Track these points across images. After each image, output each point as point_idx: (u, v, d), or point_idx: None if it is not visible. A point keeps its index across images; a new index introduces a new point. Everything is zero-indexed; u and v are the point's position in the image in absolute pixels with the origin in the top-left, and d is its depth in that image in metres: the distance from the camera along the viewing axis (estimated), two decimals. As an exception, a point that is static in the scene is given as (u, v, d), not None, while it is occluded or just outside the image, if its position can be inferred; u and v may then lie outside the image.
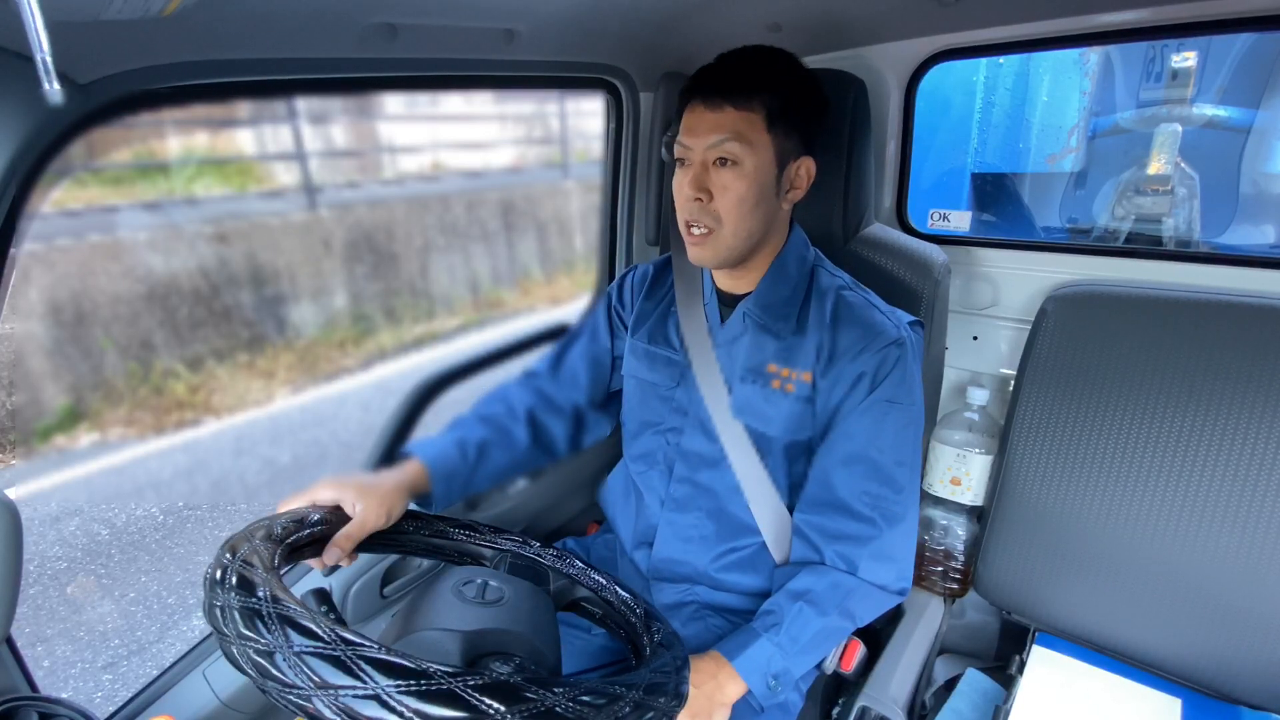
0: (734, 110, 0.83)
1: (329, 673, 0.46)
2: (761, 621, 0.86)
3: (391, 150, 4.54)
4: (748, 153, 0.84)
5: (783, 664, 0.83)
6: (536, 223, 5.15)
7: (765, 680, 0.82)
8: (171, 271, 3.29)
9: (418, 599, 0.68)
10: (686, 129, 0.86)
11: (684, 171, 0.87)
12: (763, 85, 0.84)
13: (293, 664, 0.47)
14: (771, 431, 0.92)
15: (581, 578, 0.82)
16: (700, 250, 0.88)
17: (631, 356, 1.05)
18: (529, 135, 5.28)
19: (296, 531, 0.70)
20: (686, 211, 0.87)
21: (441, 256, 4.56)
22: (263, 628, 0.49)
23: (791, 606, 0.85)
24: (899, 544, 0.90)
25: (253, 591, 0.52)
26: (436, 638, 0.61)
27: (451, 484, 0.92)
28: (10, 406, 2.81)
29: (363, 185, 4.43)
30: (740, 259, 0.91)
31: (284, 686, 0.47)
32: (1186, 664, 1.06)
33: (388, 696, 0.45)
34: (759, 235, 0.89)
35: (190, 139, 3.52)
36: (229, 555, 0.58)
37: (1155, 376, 1.06)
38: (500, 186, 5.09)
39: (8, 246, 0.68)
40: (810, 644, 0.85)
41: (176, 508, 2.65)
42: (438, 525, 0.86)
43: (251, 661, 0.49)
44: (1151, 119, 1.77)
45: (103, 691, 1.91)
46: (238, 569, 0.55)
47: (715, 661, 0.82)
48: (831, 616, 0.86)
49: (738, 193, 0.84)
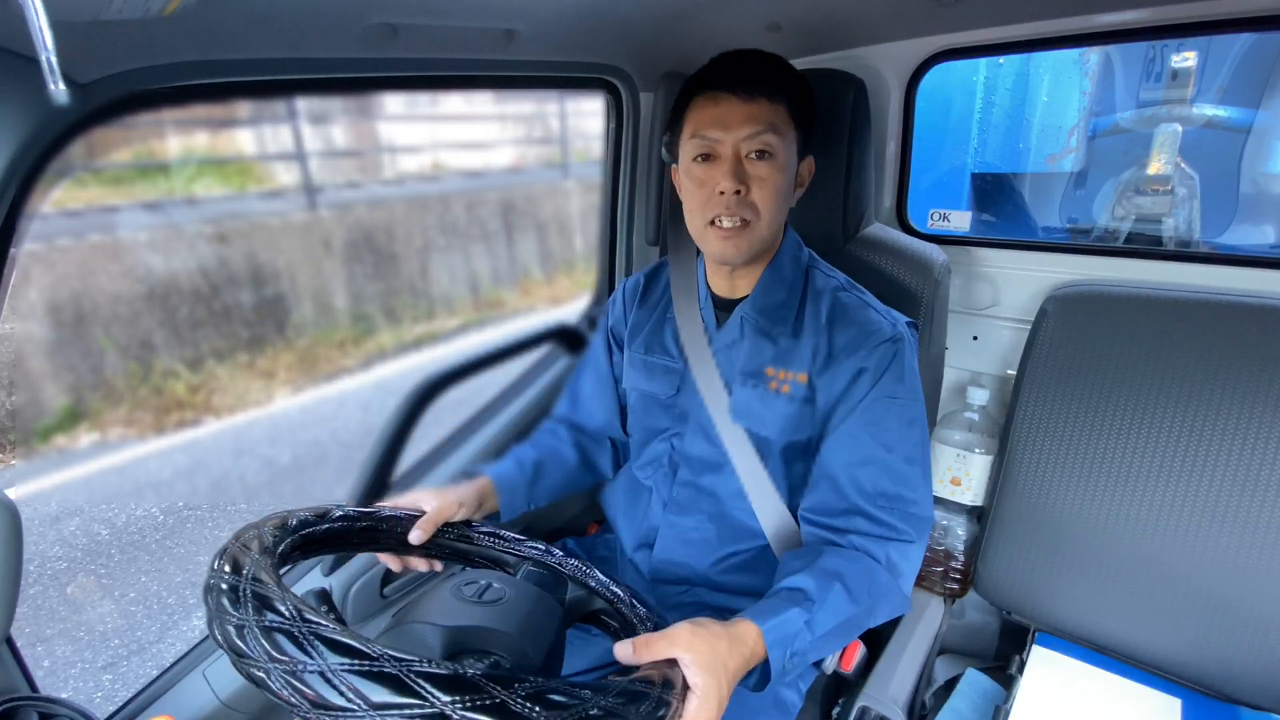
0: (768, 102, 0.84)
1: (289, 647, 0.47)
2: (791, 596, 0.75)
3: (391, 150, 4.54)
4: (781, 145, 0.84)
5: (806, 644, 0.73)
6: (536, 223, 5.15)
7: (785, 654, 0.71)
8: (171, 271, 3.29)
9: (420, 597, 0.68)
10: (714, 121, 0.85)
11: (713, 165, 0.85)
12: (784, 81, 0.86)
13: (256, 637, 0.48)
14: (769, 434, 0.92)
15: (601, 590, 0.82)
16: (734, 245, 0.86)
17: (630, 369, 1.05)
18: (529, 135, 5.28)
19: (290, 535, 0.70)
20: (720, 205, 0.85)
21: (441, 256, 4.56)
22: (243, 608, 0.50)
23: (828, 585, 0.76)
24: (914, 549, 0.86)
25: (271, 607, 0.50)
26: (420, 630, 0.61)
27: (515, 497, 0.97)
28: (10, 406, 2.81)
29: (363, 185, 4.43)
30: (764, 253, 0.91)
31: (241, 657, 0.48)
32: (1186, 664, 1.06)
33: (330, 674, 0.45)
34: (780, 229, 0.89)
35: (190, 139, 3.52)
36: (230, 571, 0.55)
37: (1155, 376, 1.06)
38: (500, 186, 5.09)
39: (8, 246, 0.68)
40: (834, 632, 0.76)
41: (176, 508, 2.65)
42: (464, 530, 0.86)
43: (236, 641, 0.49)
44: (1151, 119, 1.77)
45: (103, 691, 1.91)
46: (250, 586, 0.53)
47: (734, 623, 0.72)
48: (861, 606, 0.78)
49: (775, 184, 0.85)
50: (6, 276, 0.70)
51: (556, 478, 1.04)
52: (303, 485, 2.92)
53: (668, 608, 1.00)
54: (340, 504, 0.77)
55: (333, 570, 1.11)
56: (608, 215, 1.40)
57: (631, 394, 1.06)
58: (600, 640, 0.99)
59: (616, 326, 1.09)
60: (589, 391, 1.11)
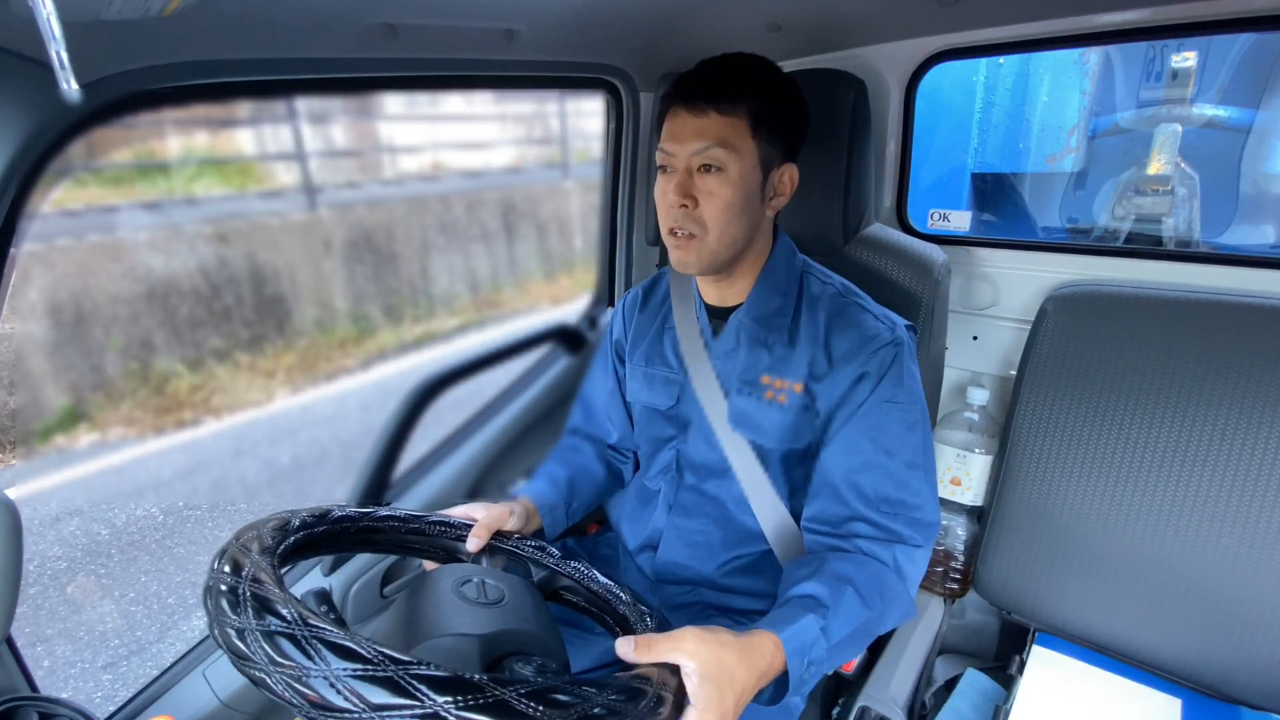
0: (719, 115, 0.83)
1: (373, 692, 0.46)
2: (802, 603, 0.73)
3: (391, 150, 4.53)
4: (733, 159, 0.83)
5: (823, 651, 0.70)
6: (536, 223, 5.15)
7: (803, 664, 0.68)
8: (171, 271, 3.29)
9: (416, 601, 0.67)
10: (669, 135, 0.86)
11: (667, 178, 0.86)
12: (746, 91, 0.83)
13: None
14: (767, 443, 0.92)
15: (561, 568, 0.83)
16: (684, 255, 0.87)
17: (632, 381, 1.05)
18: (529, 135, 5.27)
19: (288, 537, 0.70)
20: (671, 218, 0.86)
21: (441, 256, 4.56)
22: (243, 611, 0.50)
23: (840, 590, 0.74)
24: (920, 553, 0.85)
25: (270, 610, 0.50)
26: (453, 644, 0.61)
27: (555, 515, 0.98)
28: (10, 406, 2.81)
29: (363, 185, 4.42)
30: (724, 266, 0.90)
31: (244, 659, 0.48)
32: (1186, 664, 1.06)
33: (335, 680, 0.45)
34: (743, 242, 0.88)
35: (190, 139, 3.51)
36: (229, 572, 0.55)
37: (1155, 376, 1.05)
38: (500, 186, 5.09)
39: (8, 246, 0.68)
40: (849, 639, 0.73)
41: (176, 508, 2.65)
42: (414, 523, 0.83)
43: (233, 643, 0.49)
44: (1151, 119, 1.77)
45: (103, 691, 1.91)
46: (250, 588, 0.52)
47: (749, 633, 0.68)
48: (874, 610, 0.76)
49: (723, 199, 0.84)
50: (6, 276, 0.70)
51: (589, 492, 1.05)
52: (303, 485, 2.92)
53: (671, 608, 1.00)
54: (341, 504, 0.77)
55: (333, 570, 1.11)
56: (608, 215, 1.40)
57: (635, 406, 1.06)
58: (602, 639, 0.99)
59: (619, 341, 1.10)
60: (603, 406, 1.12)
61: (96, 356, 3.05)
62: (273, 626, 0.48)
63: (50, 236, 3.06)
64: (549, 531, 0.96)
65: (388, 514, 0.78)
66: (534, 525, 0.94)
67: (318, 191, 4.09)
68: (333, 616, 0.66)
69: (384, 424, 1.18)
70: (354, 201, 4.30)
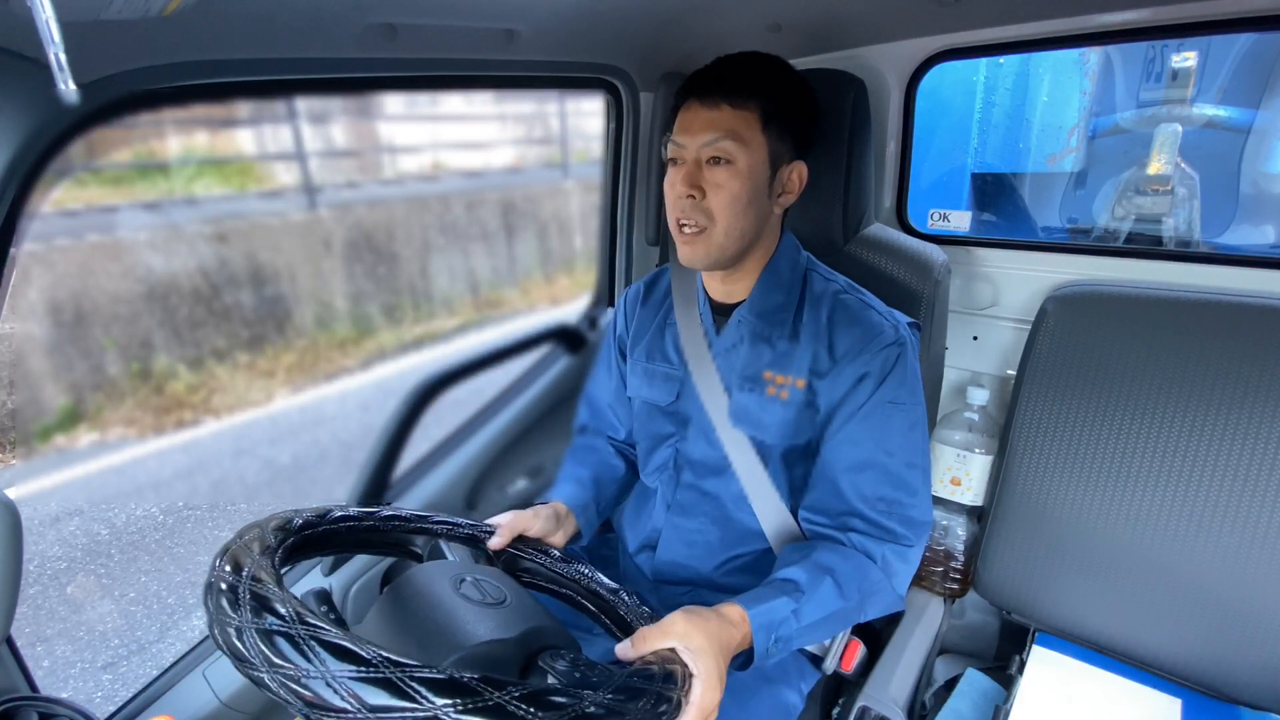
0: (730, 109, 0.84)
1: None
2: (781, 586, 0.79)
3: (391, 150, 4.53)
4: (742, 151, 0.84)
5: (791, 631, 0.77)
6: (536, 223, 5.15)
7: (769, 639, 0.75)
8: (171, 271, 3.29)
9: (417, 605, 0.66)
10: (681, 127, 0.87)
11: (677, 169, 0.87)
12: (759, 86, 0.84)
13: None
14: (768, 439, 0.92)
15: (564, 570, 0.83)
16: (692, 249, 0.88)
17: (633, 377, 1.05)
18: (529, 135, 5.27)
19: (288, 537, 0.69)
20: (678, 209, 0.87)
21: (441, 256, 4.56)
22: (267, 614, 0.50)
23: (819, 579, 0.80)
24: (912, 552, 0.87)
25: (269, 608, 0.50)
26: (488, 651, 0.61)
27: (588, 514, 0.99)
28: (10, 406, 2.81)
29: (363, 185, 4.42)
30: (731, 260, 0.90)
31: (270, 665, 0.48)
32: (1186, 664, 1.06)
33: (333, 680, 0.45)
34: (750, 236, 0.88)
35: (190, 139, 3.51)
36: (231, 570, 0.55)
37: (1155, 376, 1.05)
38: (500, 186, 5.09)
39: (8, 246, 0.68)
40: (821, 623, 0.79)
41: (176, 508, 2.65)
42: (367, 521, 0.80)
43: None
44: (1151, 119, 1.77)
45: (103, 691, 1.91)
46: (250, 586, 0.52)
47: (723, 606, 0.75)
48: (850, 601, 0.81)
49: (731, 191, 0.84)
50: (6, 276, 0.70)
51: (613, 489, 1.06)
52: (302, 485, 2.92)
53: (671, 609, 1.00)
54: (343, 504, 0.77)
55: (333, 570, 1.11)
56: (608, 215, 1.40)
57: (635, 401, 1.06)
58: (602, 640, 0.99)
59: (622, 337, 1.10)
60: (608, 403, 1.12)
61: (96, 356, 3.05)
62: (271, 625, 0.48)
63: (50, 236, 3.06)
64: (584, 531, 0.97)
65: (391, 514, 0.78)
66: (569, 527, 0.94)
67: (318, 191, 4.09)
68: (333, 617, 0.66)
69: (384, 424, 1.18)
70: (354, 201, 4.30)
